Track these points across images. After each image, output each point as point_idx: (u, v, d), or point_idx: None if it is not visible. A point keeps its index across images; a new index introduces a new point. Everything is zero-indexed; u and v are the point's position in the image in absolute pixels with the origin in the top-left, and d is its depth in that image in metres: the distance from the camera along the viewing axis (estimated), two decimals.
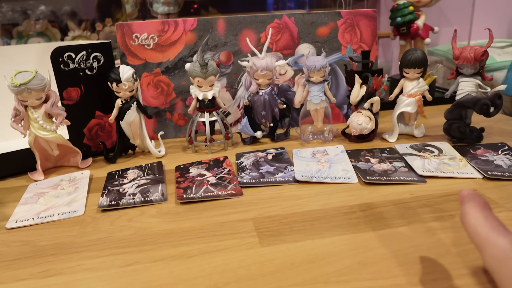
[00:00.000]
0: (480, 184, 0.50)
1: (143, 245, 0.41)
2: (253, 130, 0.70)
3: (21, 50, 0.78)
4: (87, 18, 1.29)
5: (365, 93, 0.67)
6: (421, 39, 0.94)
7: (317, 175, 0.54)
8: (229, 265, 0.37)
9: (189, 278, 0.35)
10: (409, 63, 0.64)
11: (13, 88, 0.55)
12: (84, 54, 0.63)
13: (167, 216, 0.47)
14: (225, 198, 0.50)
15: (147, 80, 0.74)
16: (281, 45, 0.77)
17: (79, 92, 0.65)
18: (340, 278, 0.34)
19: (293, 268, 0.36)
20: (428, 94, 0.66)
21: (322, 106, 0.67)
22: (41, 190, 0.56)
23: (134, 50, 0.73)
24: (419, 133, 0.69)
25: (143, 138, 0.67)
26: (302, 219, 0.44)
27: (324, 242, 0.39)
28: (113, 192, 0.53)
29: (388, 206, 0.46)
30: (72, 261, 0.39)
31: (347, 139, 0.70)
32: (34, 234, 0.45)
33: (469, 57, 0.59)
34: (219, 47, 0.75)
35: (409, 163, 0.56)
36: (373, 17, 0.78)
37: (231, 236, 0.42)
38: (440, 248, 0.37)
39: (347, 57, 0.72)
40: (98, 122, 0.68)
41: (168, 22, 0.73)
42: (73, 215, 0.48)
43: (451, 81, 0.64)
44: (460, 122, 0.63)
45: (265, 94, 0.68)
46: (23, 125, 0.59)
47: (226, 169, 0.59)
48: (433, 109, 0.79)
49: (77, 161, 0.64)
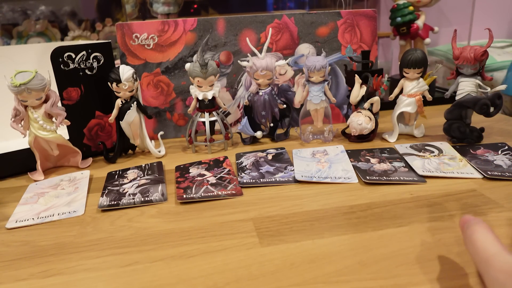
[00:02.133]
0: (480, 184, 0.50)
1: (143, 245, 0.41)
2: (253, 130, 0.70)
3: (21, 50, 0.78)
4: (87, 18, 1.29)
5: (365, 93, 0.67)
6: (421, 39, 0.94)
7: (317, 175, 0.54)
8: (229, 265, 0.37)
9: (189, 278, 0.35)
10: (409, 63, 0.64)
11: (13, 88, 0.55)
12: (84, 54, 0.63)
13: (167, 216, 0.47)
14: (225, 198, 0.50)
15: (147, 80, 0.74)
16: (281, 45, 0.77)
17: (79, 92, 0.65)
18: (340, 278, 0.34)
19: (293, 268, 0.36)
20: (428, 94, 0.66)
21: (322, 106, 0.67)
22: (41, 190, 0.56)
23: (134, 50, 0.73)
24: (419, 133, 0.69)
25: (143, 138, 0.67)
26: (302, 219, 0.44)
27: (324, 242, 0.39)
28: (113, 192, 0.53)
29: (388, 206, 0.46)
30: (72, 261, 0.39)
31: (347, 139, 0.70)
32: (34, 234, 0.45)
33: (469, 57, 0.59)
34: (219, 47, 0.75)
35: (409, 163, 0.56)
36: (373, 17, 0.78)
37: (231, 236, 0.42)
38: (440, 248, 0.37)
39: (347, 57, 0.72)
40: (98, 122, 0.68)
41: (168, 22, 0.73)
42: (73, 215, 0.48)
43: (451, 81, 0.64)
44: (460, 122, 0.63)
45: (265, 94, 0.68)
46: (23, 125, 0.59)
47: (226, 169, 0.59)
48: (433, 109, 0.79)
49: (77, 161, 0.64)
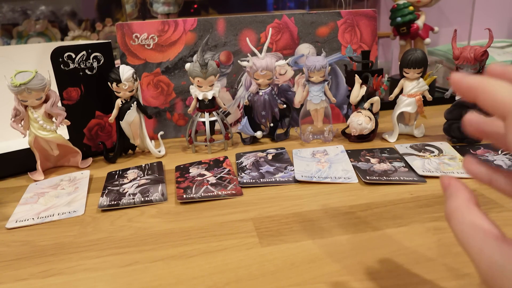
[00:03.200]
0: (480, 184, 0.50)
1: (143, 245, 0.41)
2: (253, 130, 0.70)
3: (21, 50, 0.78)
4: (87, 18, 1.29)
5: (365, 93, 0.67)
6: (421, 39, 0.94)
7: (317, 175, 0.54)
8: (229, 265, 0.37)
9: (189, 278, 0.35)
10: (409, 63, 0.64)
11: (13, 88, 0.55)
12: (84, 54, 0.63)
13: (167, 216, 0.47)
14: (225, 198, 0.50)
15: (147, 80, 0.74)
16: (281, 45, 0.77)
17: (79, 92, 0.65)
18: (340, 278, 0.34)
19: (293, 268, 0.36)
20: (428, 94, 0.66)
21: (322, 106, 0.67)
22: (41, 190, 0.56)
23: (134, 50, 0.73)
24: (419, 133, 0.69)
25: (143, 138, 0.67)
26: (302, 219, 0.44)
27: (324, 242, 0.39)
28: (113, 192, 0.53)
29: (388, 206, 0.46)
30: (72, 261, 0.39)
31: (347, 139, 0.70)
32: (34, 234, 0.45)
33: (469, 57, 0.59)
34: (219, 47, 0.75)
35: (409, 163, 0.56)
36: (373, 17, 0.78)
37: (231, 236, 0.42)
38: (440, 248, 0.37)
39: (347, 57, 0.72)
40: (98, 122, 0.68)
41: (168, 22, 0.73)
42: (73, 215, 0.48)
43: None
44: (460, 122, 0.63)
45: (265, 94, 0.68)
46: (23, 125, 0.59)
47: (226, 169, 0.59)
48: (433, 109, 0.79)
49: (77, 161, 0.64)
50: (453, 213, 0.24)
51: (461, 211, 0.24)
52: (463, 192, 0.25)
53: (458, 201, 0.24)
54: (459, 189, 0.25)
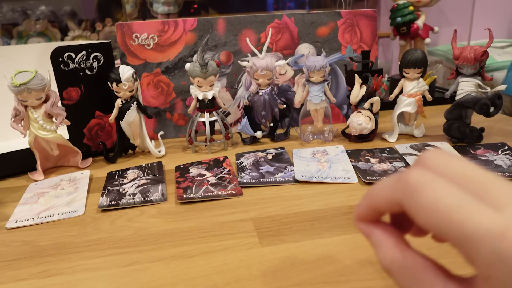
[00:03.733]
0: None
1: (143, 245, 0.41)
2: (253, 130, 0.70)
3: (21, 50, 0.78)
4: (87, 18, 1.29)
5: (365, 93, 0.67)
6: (421, 39, 0.94)
7: (317, 175, 0.54)
8: (229, 265, 0.37)
9: (189, 278, 0.35)
10: (409, 63, 0.64)
11: (13, 88, 0.55)
12: (84, 54, 0.63)
13: (167, 216, 0.47)
14: (225, 198, 0.50)
15: (147, 80, 0.74)
16: (281, 45, 0.77)
17: (79, 92, 0.65)
18: (340, 278, 0.34)
19: (293, 268, 0.36)
20: (428, 94, 0.66)
21: (322, 106, 0.67)
22: (41, 190, 0.56)
23: (134, 50, 0.73)
24: (419, 133, 0.69)
25: (143, 138, 0.67)
26: (302, 219, 0.44)
27: (324, 242, 0.39)
28: (113, 192, 0.53)
29: None
30: (72, 261, 0.39)
31: (347, 139, 0.70)
32: (34, 234, 0.45)
33: (469, 57, 0.59)
34: (219, 47, 0.75)
35: (409, 163, 0.56)
36: (373, 17, 0.78)
37: (231, 236, 0.42)
38: (440, 248, 0.37)
39: (347, 57, 0.72)
40: (98, 122, 0.68)
41: (168, 22, 0.73)
42: (73, 215, 0.48)
43: (451, 81, 0.64)
44: (460, 122, 0.63)
45: (265, 94, 0.68)
46: (23, 125, 0.59)
47: (226, 169, 0.59)
48: (433, 109, 0.79)
49: (77, 161, 0.64)
50: (391, 267, 0.23)
51: (398, 263, 0.23)
52: (390, 238, 0.24)
53: (390, 252, 0.23)
54: (384, 237, 0.24)
